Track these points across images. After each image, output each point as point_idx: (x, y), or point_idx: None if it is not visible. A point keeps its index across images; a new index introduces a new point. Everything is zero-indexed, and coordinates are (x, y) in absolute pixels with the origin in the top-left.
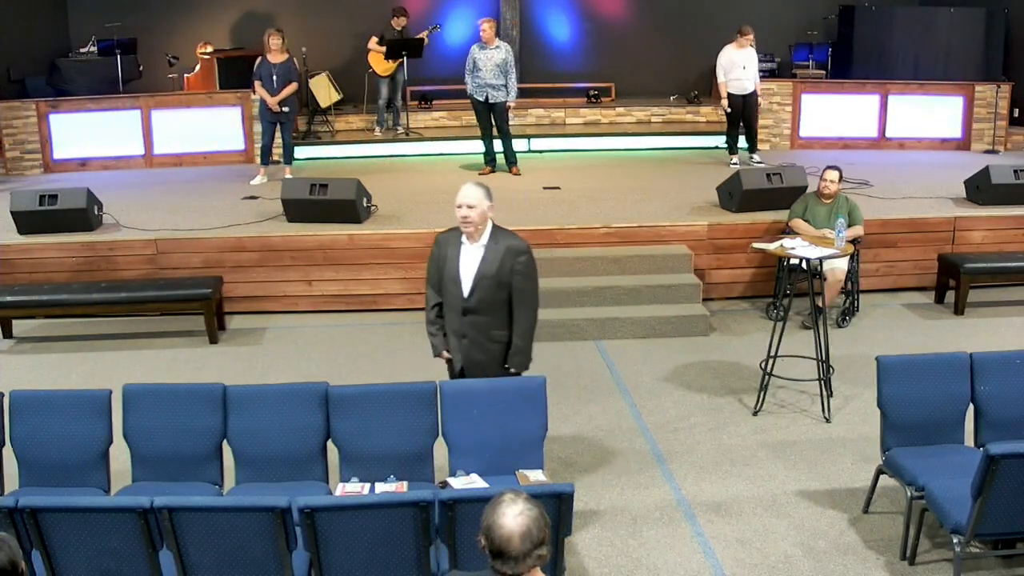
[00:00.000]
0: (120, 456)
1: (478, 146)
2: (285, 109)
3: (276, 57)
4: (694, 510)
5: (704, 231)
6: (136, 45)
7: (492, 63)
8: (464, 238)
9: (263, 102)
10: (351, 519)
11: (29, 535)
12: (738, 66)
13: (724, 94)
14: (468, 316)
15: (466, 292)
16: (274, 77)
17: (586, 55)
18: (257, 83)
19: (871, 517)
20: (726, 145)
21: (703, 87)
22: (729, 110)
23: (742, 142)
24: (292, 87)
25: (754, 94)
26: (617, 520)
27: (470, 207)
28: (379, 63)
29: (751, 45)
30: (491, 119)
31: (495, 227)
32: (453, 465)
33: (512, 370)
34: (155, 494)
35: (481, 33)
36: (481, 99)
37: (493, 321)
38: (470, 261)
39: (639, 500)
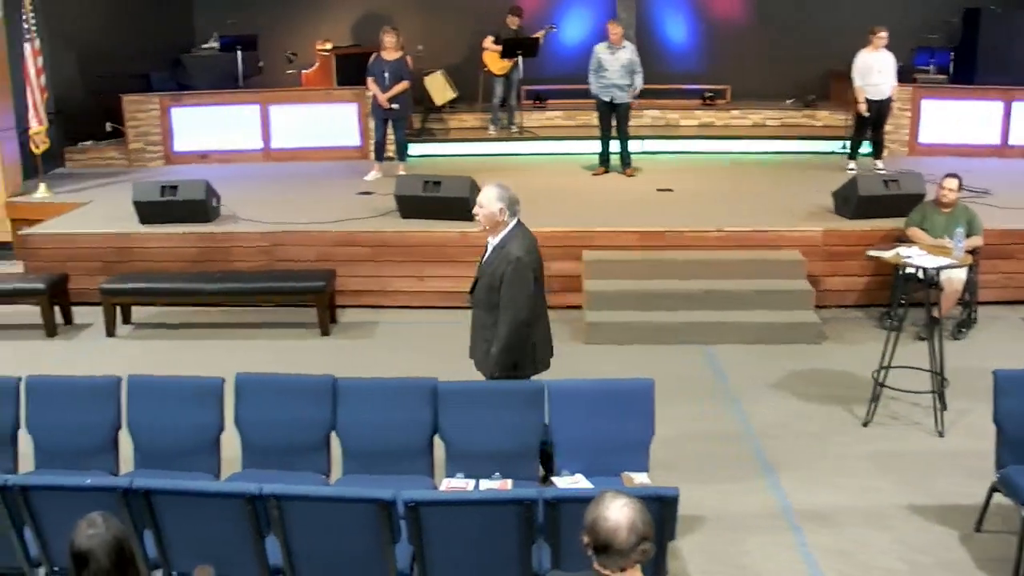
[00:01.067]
0: (230, 443)
1: (591, 146)
2: (395, 106)
3: (390, 55)
4: (798, 519)
5: (818, 237)
6: (257, 42)
7: (619, 63)
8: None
9: (375, 98)
10: (455, 514)
11: (142, 516)
12: (874, 70)
13: (861, 99)
14: (472, 311)
15: (472, 285)
16: (386, 74)
17: (702, 56)
18: (370, 79)
19: (982, 536)
20: (848, 149)
21: (821, 90)
22: (867, 115)
23: (866, 147)
24: (404, 85)
25: (889, 99)
26: (720, 526)
27: (479, 206)
28: (494, 62)
29: (885, 47)
30: (612, 120)
31: (514, 229)
32: (558, 465)
33: (493, 375)
34: (263, 481)
35: (610, 36)
36: (606, 100)
37: (487, 321)
38: (485, 256)
39: (743, 507)
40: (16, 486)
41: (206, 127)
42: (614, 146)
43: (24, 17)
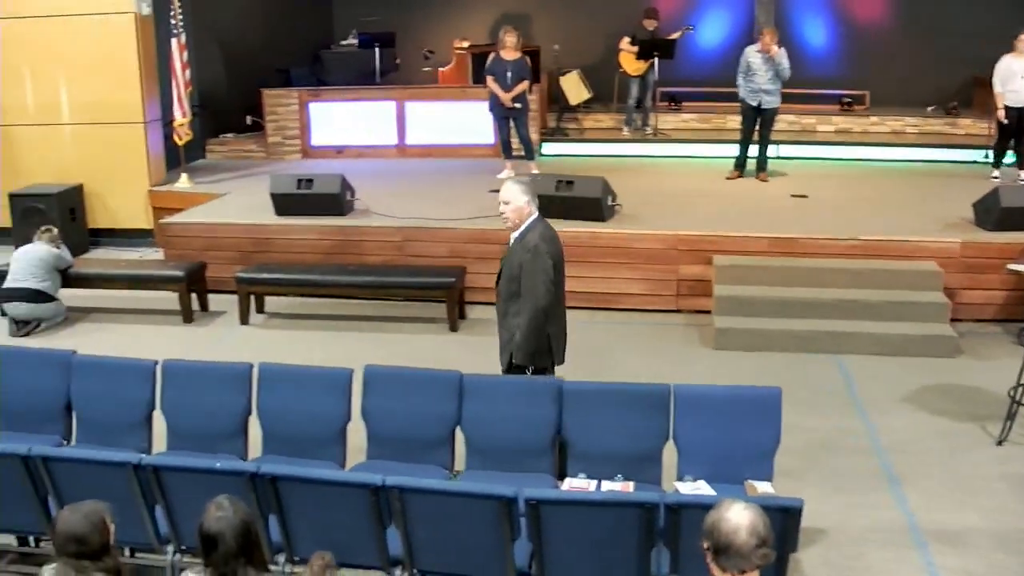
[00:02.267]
0: (356, 433)
1: (726, 149)
2: (518, 105)
3: (510, 54)
4: (924, 537)
5: (957, 249)
6: (394, 39)
7: (768, 68)
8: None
9: (494, 98)
10: (575, 514)
11: (267, 500)
12: (1017, 76)
13: (1000, 105)
14: (497, 303)
15: (496, 279)
16: (508, 74)
17: (840, 61)
18: (490, 78)
19: None
20: (991, 159)
21: (963, 98)
22: (1005, 122)
23: (1009, 157)
24: (525, 84)
25: None
26: (843, 540)
27: (505, 203)
28: (630, 63)
29: None
30: (756, 124)
31: (535, 222)
32: (681, 469)
33: (515, 362)
34: (387, 473)
35: (761, 43)
36: (753, 104)
37: (509, 310)
38: (508, 251)
39: (867, 521)
40: (149, 465)
41: (343, 122)
42: (752, 151)
43: (172, 14)
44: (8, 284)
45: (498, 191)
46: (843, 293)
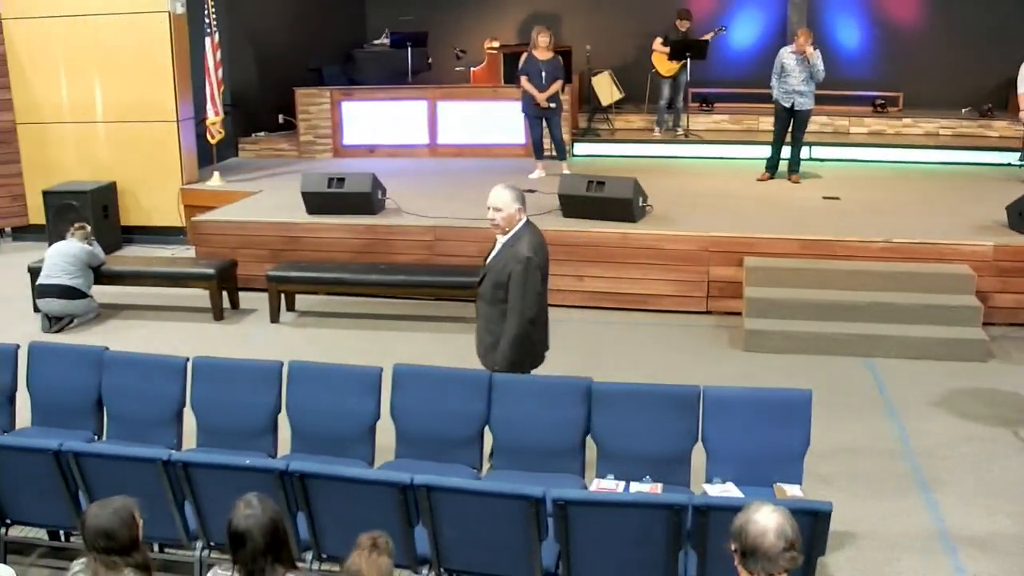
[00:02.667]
0: (385, 432)
1: (758, 151)
2: (552, 105)
3: (543, 54)
4: (955, 543)
5: (989, 252)
6: (427, 39)
7: (802, 69)
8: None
9: (528, 98)
10: (603, 515)
11: (296, 498)
12: None
13: (1023, 107)
14: (478, 303)
15: (480, 279)
16: (543, 73)
17: (874, 62)
18: (524, 78)
19: None
20: (1021, 162)
21: (998, 100)
22: None
23: None
24: (559, 84)
25: None
26: (873, 545)
27: (496, 210)
28: (662, 64)
29: None
30: (789, 126)
31: (524, 227)
32: (710, 471)
33: (495, 367)
34: (416, 472)
35: (795, 44)
36: (787, 105)
37: (491, 315)
38: (493, 254)
39: (898, 526)
40: (179, 462)
41: (374, 121)
42: (784, 152)
43: (205, 12)
44: (41, 280)
45: (531, 191)
46: (874, 296)
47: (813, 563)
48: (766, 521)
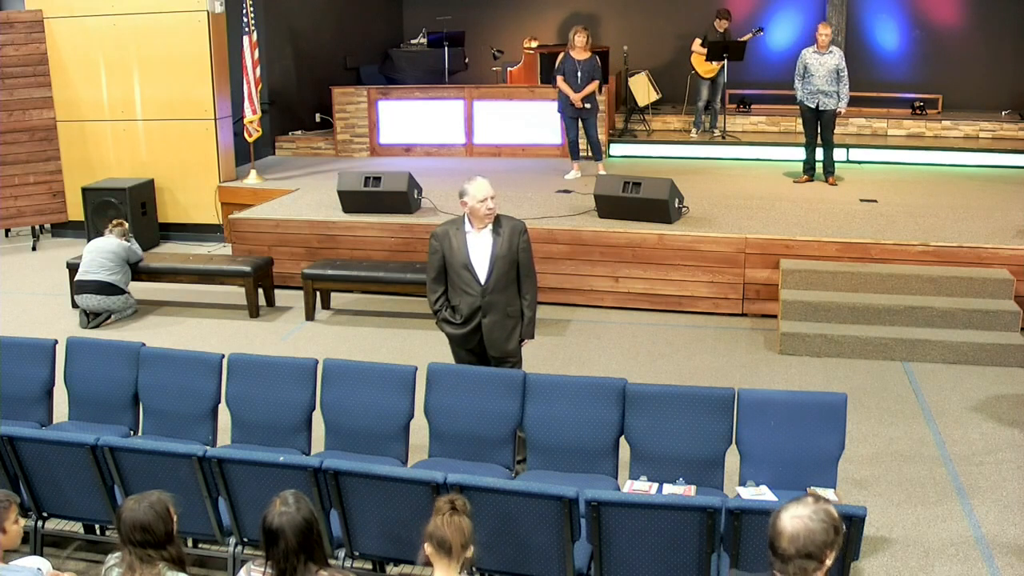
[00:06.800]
0: (419, 431)
1: (795, 153)
2: (587, 105)
3: (580, 54)
4: (992, 551)
5: None
6: (464, 38)
7: (825, 69)
8: (468, 227)
9: (565, 98)
10: (636, 517)
11: (329, 495)
12: None
13: None
14: (487, 297)
15: (483, 276)
16: (579, 73)
17: (913, 64)
18: (560, 78)
19: None
20: None
21: None
22: None
23: None
24: (595, 84)
25: None
26: (908, 551)
27: (492, 199)
28: (701, 65)
29: None
30: (817, 127)
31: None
32: (744, 474)
33: (524, 342)
34: (449, 470)
35: (819, 38)
36: (812, 106)
37: (507, 298)
38: (481, 246)
39: (934, 533)
40: (214, 458)
41: (411, 120)
42: (819, 154)
43: (244, 11)
44: (80, 276)
45: (567, 191)
46: (912, 300)
47: (847, 568)
48: (785, 523)
